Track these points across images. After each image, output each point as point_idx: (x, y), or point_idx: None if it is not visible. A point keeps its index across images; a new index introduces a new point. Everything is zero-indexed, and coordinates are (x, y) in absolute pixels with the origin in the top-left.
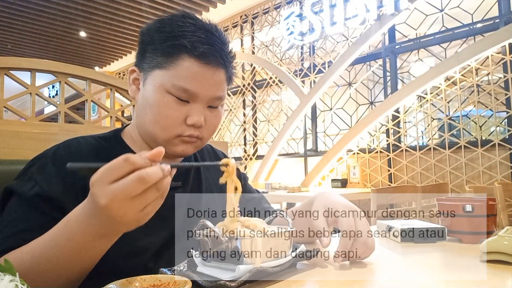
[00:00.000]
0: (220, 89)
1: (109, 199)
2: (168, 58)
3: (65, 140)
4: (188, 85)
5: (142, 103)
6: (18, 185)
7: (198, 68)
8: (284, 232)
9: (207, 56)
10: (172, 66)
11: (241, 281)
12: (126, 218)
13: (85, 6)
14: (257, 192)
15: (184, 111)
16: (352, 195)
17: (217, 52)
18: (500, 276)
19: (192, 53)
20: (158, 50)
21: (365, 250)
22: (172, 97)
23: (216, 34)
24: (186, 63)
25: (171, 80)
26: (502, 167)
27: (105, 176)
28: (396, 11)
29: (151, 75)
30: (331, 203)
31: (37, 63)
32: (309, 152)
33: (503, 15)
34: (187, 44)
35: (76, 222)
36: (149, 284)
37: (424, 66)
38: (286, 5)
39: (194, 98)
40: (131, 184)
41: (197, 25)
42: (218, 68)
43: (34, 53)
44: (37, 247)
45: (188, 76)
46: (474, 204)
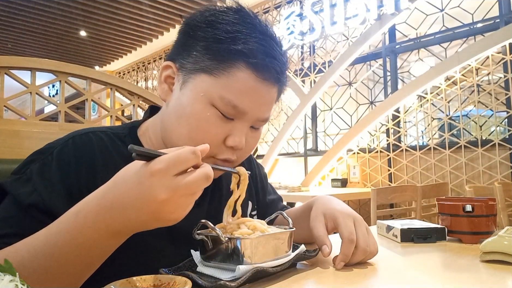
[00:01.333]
0: (269, 110)
1: (171, 193)
2: (221, 63)
3: (73, 133)
4: (240, 101)
5: (175, 110)
6: (14, 186)
7: (254, 82)
8: (284, 232)
9: (269, 70)
10: (223, 74)
11: (241, 281)
12: (173, 215)
13: (86, 5)
14: (274, 192)
15: (226, 129)
16: (352, 195)
17: (277, 67)
18: (500, 276)
19: (250, 64)
20: (209, 51)
21: (367, 256)
22: (217, 112)
23: (277, 42)
24: (242, 74)
25: (220, 91)
26: (502, 167)
27: (171, 167)
28: (396, 11)
29: (194, 79)
30: (330, 209)
31: (37, 62)
32: (309, 151)
33: (503, 15)
34: (246, 51)
35: (88, 215)
36: (149, 284)
37: (424, 66)
38: (286, 5)
39: (241, 116)
40: (199, 180)
41: (256, 26)
42: (273, 86)
43: (34, 52)
44: (34, 242)
45: (242, 90)
46: (474, 204)
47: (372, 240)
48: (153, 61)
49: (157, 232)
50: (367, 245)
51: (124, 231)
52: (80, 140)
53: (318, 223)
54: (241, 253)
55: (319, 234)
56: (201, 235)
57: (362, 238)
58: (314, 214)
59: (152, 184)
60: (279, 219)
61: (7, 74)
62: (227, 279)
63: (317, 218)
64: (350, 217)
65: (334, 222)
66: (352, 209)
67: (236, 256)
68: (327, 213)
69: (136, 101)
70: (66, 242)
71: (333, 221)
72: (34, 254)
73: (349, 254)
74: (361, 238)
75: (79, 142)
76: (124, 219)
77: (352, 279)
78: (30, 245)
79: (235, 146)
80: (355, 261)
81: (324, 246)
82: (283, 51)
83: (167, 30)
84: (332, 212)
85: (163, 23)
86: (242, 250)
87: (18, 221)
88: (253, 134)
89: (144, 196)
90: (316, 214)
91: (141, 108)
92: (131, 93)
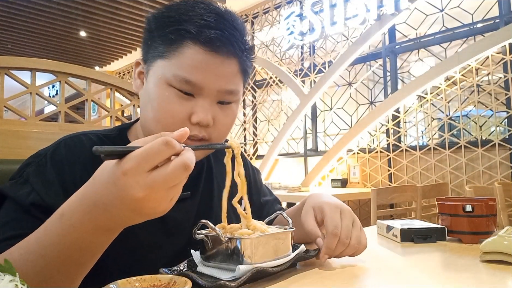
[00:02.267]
0: (230, 82)
1: (148, 190)
2: (170, 45)
3: (65, 137)
4: (191, 75)
5: (143, 98)
6: (13, 188)
7: (203, 55)
8: (284, 232)
9: (214, 41)
10: (174, 54)
11: (241, 281)
12: (157, 209)
13: (86, 5)
14: (270, 193)
15: (188, 107)
16: (352, 195)
17: (226, 39)
18: (500, 276)
19: (196, 39)
20: (160, 38)
21: (348, 249)
22: (174, 90)
23: (228, 19)
24: (190, 51)
25: (172, 70)
26: (502, 167)
27: (143, 164)
28: (396, 11)
29: (153, 66)
30: (319, 203)
31: (37, 63)
32: (309, 152)
33: (503, 15)
34: (192, 29)
35: (72, 216)
36: (149, 284)
37: (424, 66)
38: (286, 5)
39: (199, 91)
40: (176, 172)
41: (208, 9)
42: (228, 57)
43: (34, 52)
44: (26, 245)
45: (191, 65)
46: (474, 204)
47: (357, 234)
48: None
49: (152, 226)
50: (347, 238)
51: (112, 227)
52: (71, 142)
53: (308, 217)
54: (241, 253)
55: (310, 227)
56: (201, 235)
57: (344, 230)
58: (305, 209)
59: (126, 183)
60: (278, 219)
61: (7, 74)
62: (227, 279)
63: (308, 212)
64: (337, 208)
65: (321, 214)
66: (343, 203)
67: (236, 256)
68: (316, 206)
69: (136, 101)
70: (55, 244)
71: (321, 213)
72: (26, 256)
73: (332, 247)
74: (344, 230)
75: (71, 143)
76: (108, 216)
77: (352, 279)
78: (22, 248)
79: (200, 122)
80: (336, 254)
81: (318, 239)
82: (238, 26)
83: None
84: (320, 205)
85: None
86: (242, 250)
87: (19, 222)
88: (224, 111)
89: (122, 196)
90: (307, 209)
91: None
92: (131, 93)
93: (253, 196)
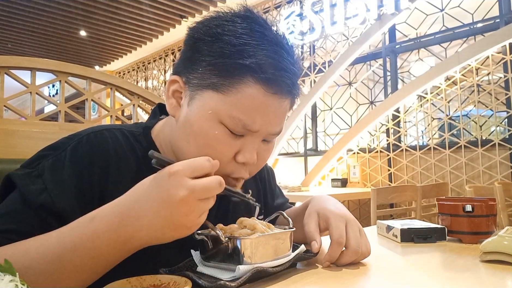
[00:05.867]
0: (282, 122)
1: (189, 192)
2: (228, 79)
3: (88, 130)
4: (249, 119)
5: (184, 127)
6: (24, 180)
7: (264, 98)
8: (284, 232)
9: (278, 84)
10: (231, 91)
11: (241, 281)
12: (189, 218)
13: (86, 5)
14: (281, 195)
15: (236, 146)
16: (352, 195)
17: (289, 79)
18: (500, 276)
19: (259, 79)
20: (215, 66)
21: (358, 257)
22: (225, 129)
23: (288, 50)
24: (250, 90)
25: (229, 109)
26: (502, 167)
27: (187, 170)
28: (396, 11)
29: (201, 95)
30: (324, 209)
31: (37, 62)
32: (309, 151)
33: (503, 15)
34: (254, 66)
35: (101, 222)
36: (149, 284)
37: (424, 65)
38: (286, 5)
39: (251, 133)
40: (213, 184)
41: (264, 34)
42: (285, 97)
43: (34, 52)
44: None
45: (250, 107)
46: (474, 204)
47: (365, 242)
48: (153, 61)
49: None
50: (358, 246)
51: (134, 241)
52: (94, 138)
53: (310, 220)
54: (241, 253)
55: (309, 230)
56: (201, 235)
57: (353, 239)
58: (308, 212)
59: (170, 183)
60: (280, 219)
61: (7, 74)
62: (227, 279)
63: (311, 215)
64: (342, 218)
65: (326, 222)
66: (348, 211)
67: (236, 256)
68: (320, 213)
69: (136, 101)
70: (76, 247)
71: (325, 221)
72: (43, 256)
73: (336, 256)
74: (353, 239)
75: (94, 140)
76: (136, 227)
77: (352, 279)
78: (41, 246)
79: (246, 162)
80: (346, 262)
81: (313, 242)
82: (295, 59)
83: (167, 30)
84: (325, 212)
85: (163, 23)
86: (242, 250)
87: (22, 218)
88: (265, 147)
89: (162, 197)
90: (310, 212)
91: (141, 108)
92: (131, 93)
93: (268, 200)
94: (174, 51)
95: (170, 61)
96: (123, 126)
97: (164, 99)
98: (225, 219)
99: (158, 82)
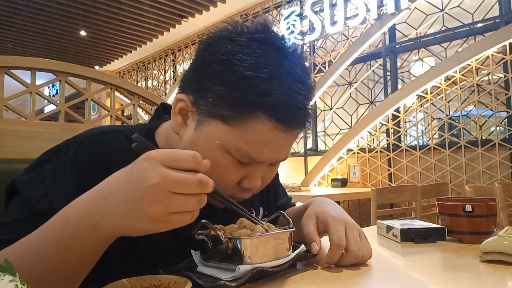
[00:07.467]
0: (289, 151)
1: (160, 179)
2: (238, 113)
3: (91, 131)
4: (258, 153)
5: (190, 147)
6: (27, 186)
7: (274, 134)
8: (284, 232)
9: (289, 122)
10: (241, 125)
11: (241, 281)
12: (153, 210)
13: (86, 5)
14: (285, 195)
15: (242, 173)
16: (352, 195)
17: (301, 116)
18: (500, 276)
19: (269, 115)
20: (225, 98)
21: (366, 259)
22: (232, 159)
23: (304, 80)
24: (261, 126)
25: (236, 142)
26: (502, 167)
27: (166, 158)
28: (396, 11)
29: (209, 123)
30: (323, 212)
31: (37, 62)
32: (309, 151)
33: (503, 15)
34: (266, 103)
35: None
36: (149, 284)
37: (424, 65)
38: (286, 4)
39: (258, 162)
40: (189, 180)
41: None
42: (296, 133)
43: (34, 52)
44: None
45: (259, 142)
46: (474, 204)
47: (365, 245)
48: (153, 61)
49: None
50: (359, 250)
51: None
52: (97, 141)
53: (309, 221)
54: (241, 253)
55: (308, 231)
56: (201, 235)
57: (353, 242)
58: (307, 213)
59: (143, 167)
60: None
61: (7, 74)
62: (227, 279)
63: (309, 217)
64: (341, 222)
65: (325, 225)
66: (347, 214)
67: (236, 256)
68: (319, 215)
69: (136, 101)
70: (50, 238)
71: (324, 225)
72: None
73: (336, 258)
74: (353, 242)
75: (96, 143)
76: (103, 210)
77: (352, 279)
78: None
79: (251, 189)
80: (346, 264)
81: (313, 243)
82: (309, 85)
83: (167, 30)
84: (324, 215)
85: (163, 23)
86: (242, 250)
87: (25, 226)
88: (270, 169)
89: (132, 180)
90: (309, 214)
91: (141, 108)
92: (131, 92)
93: (271, 201)
94: (174, 51)
95: (170, 61)
96: (126, 128)
97: (164, 99)
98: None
99: (158, 82)
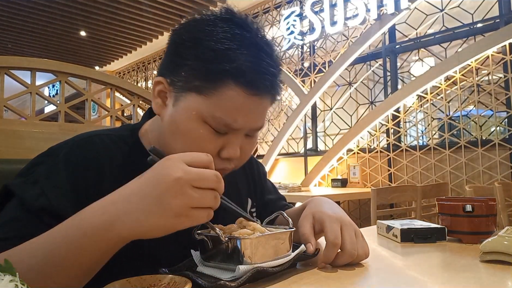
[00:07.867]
0: (263, 118)
1: (183, 173)
2: (210, 83)
3: (77, 137)
4: (231, 119)
5: (170, 126)
6: (21, 188)
7: (244, 99)
8: (284, 232)
9: (257, 86)
10: (213, 93)
11: (241, 281)
12: (176, 203)
13: (86, 5)
14: (274, 191)
15: (220, 143)
16: (352, 195)
17: (268, 81)
18: (500, 276)
19: (238, 81)
20: (196, 71)
21: (355, 259)
22: (209, 129)
23: (267, 51)
24: (231, 93)
25: (211, 110)
26: (502, 167)
27: (185, 157)
28: (396, 11)
29: (185, 97)
30: (319, 212)
31: (37, 62)
32: (309, 151)
33: (503, 15)
34: (234, 71)
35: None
36: (149, 284)
37: (424, 65)
38: (286, 5)
39: (234, 130)
40: (208, 174)
41: (245, 37)
42: (266, 96)
43: (34, 52)
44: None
45: (232, 108)
46: (474, 204)
47: (361, 244)
48: (153, 61)
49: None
50: (354, 249)
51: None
52: (85, 144)
53: (305, 222)
54: (241, 253)
55: (304, 232)
56: (201, 235)
57: (349, 241)
58: (304, 214)
59: (165, 165)
60: (279, 219)
61: (7, 74)
62: (227, 279)
63: (306, 217)
64: (337, 221)
65: (321, 225)
66: (345, 213)
67: (236, 256)
68: (316, 215)
69: (136, 101)
70: (62, 239)
71: (320, 224)
72: (32, 251)
73: (331, 257)
74: (348, 241)
75: (84, 145)
76: (121, 210)
77: (352, 279)
78: (31, 243)
79: (230, 157)
80: (342, 264)
81: (308, 244)
82: (274, 59)
83: (167, 30)
84: (320, 215)
85: (163, 23)
86: (242, 250)
87: (24, 224)
88: (248, 141)
89: (156, 177)
90: (306, 214)
91: (141, 108)
92: (131, 93)
93: (258, 195)
94: None
95: None
96: (110, 131)
97: None
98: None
99: None
